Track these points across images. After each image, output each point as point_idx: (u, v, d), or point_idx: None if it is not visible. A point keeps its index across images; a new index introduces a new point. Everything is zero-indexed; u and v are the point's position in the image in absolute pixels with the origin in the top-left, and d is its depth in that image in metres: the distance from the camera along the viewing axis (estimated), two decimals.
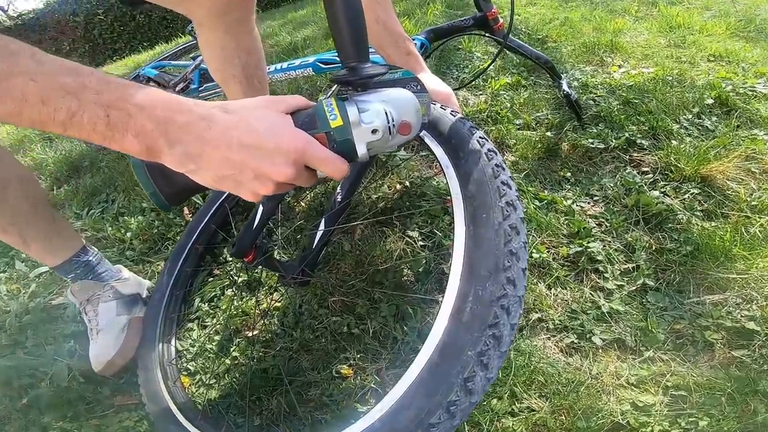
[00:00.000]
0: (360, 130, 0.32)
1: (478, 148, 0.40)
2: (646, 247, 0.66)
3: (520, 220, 0.36)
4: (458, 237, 0.36)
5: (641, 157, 0.81)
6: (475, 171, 0.39)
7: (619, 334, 0.56)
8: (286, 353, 0.62)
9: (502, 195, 0.36)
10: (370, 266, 0.67)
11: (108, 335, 0.65)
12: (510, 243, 0.34)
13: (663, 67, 1.02)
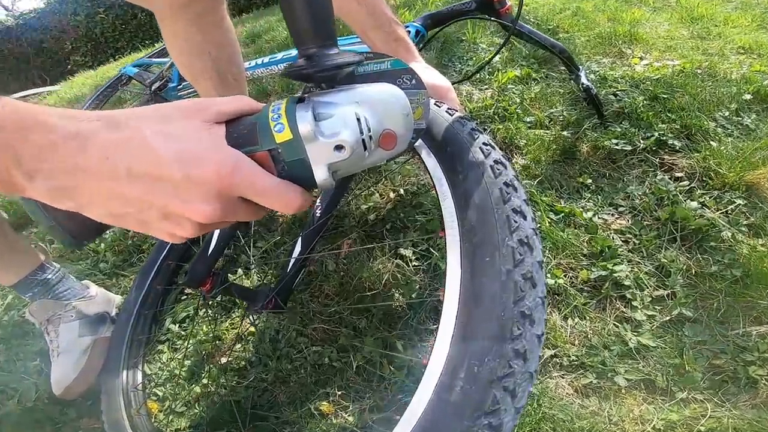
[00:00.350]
0: (317, 147, 0.23)
1: (481, 159, 0.30)
2: (684, 270, 0.55)
3: (537, 266, 0.27)
4: (451, 285, 0.27)
5: (674, 160, 0.69)
6: (477, 193, 0.29)
7: (648, 373, 0.47)
8: (261, 384, 0.55)
9: (513, 229, 0.27)
10: (356, 290, 0.58)
11: (68, 358, 0.60)
12: (522, 301, 0.24)
13: (690, 59, 0.90)
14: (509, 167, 0.31)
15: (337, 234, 0.67)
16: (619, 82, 0.85)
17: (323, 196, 0.55)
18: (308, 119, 0.22)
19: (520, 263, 0.25)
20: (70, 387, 0.57)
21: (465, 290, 0.26)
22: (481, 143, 0.32)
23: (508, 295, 0.24)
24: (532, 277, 0.26)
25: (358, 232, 0.65)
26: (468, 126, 0.34)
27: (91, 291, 0.68)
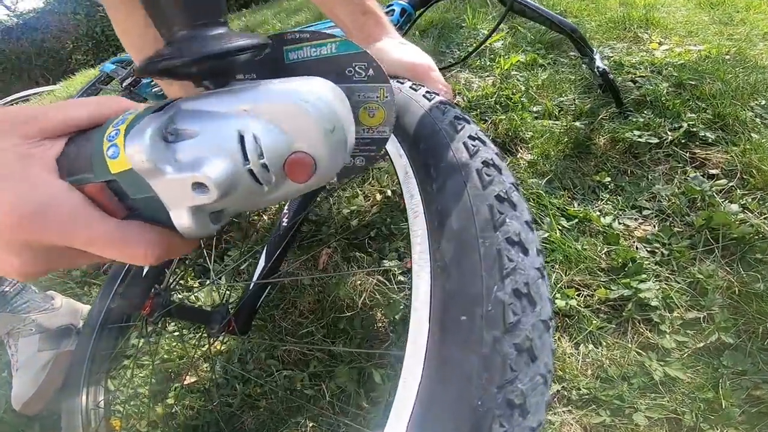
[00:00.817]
0: (166, 183, 0.15)
1: (464, 159, 0.21)
2: (723, 288, 0.46)
3: (541, 328, 0.17)
4: (412, 349, 0.18)
5: (706, 154, 0.59)
6: (456, 212, 0.19)
7: (674, 410, 0.40)
8: (227, 408, 0.48)
9: (506, 272, 0.17)
10: (333, 309, 0.50)
11: (27, 374, 0.57)
12: (513, 384, 0.16)
13: (716, 45, 0.80)
14: (505, 171, 0.21)
15: (314, 243, 0.59)
16: (638, 68, 0.75)
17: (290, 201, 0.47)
18: (142, 141, 0.14)
19: (515, 327, 0.16)
20: (27, 403, 0.55)
21: (429, 360, 0.17)
22: (465, 137, 0.23)
23: (491, 375, 0.16)
24: (531, 347, 0.16)
25: (339, 241, 0.57)
26: (450, 113, 0.25)
27: (55, 302, 0.64)
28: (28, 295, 0.62)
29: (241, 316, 0.43)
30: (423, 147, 0.24)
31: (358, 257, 0.55)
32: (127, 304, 0.37)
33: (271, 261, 0.43)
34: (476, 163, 0.21)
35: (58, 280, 0.77)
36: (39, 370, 0.56)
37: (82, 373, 0.53)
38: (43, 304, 0.62)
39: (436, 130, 0.24)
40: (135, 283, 0.38)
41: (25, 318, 0.59)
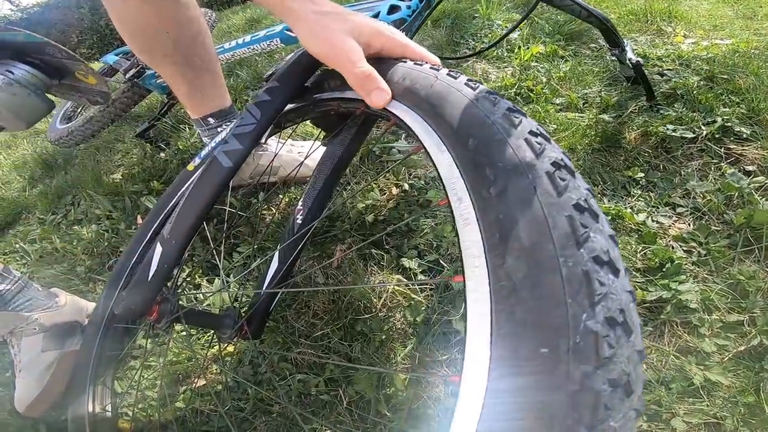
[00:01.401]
0: None
1: (530, 159, 0.18)
2: (765, 290, 0.43)
3: (637, 359, 0.15)
4: (468, 383, 0.15)
5: (742, 150, 0.56)
6: (525, 223, 0.16)
7: (714, 415, 0.38)
8: (239, 414, 0.46)
9: (597, 298, 0.14)
10: (350, 309, 0.48)
11: (30, 374, 0.54)
12: (606, 422, 0.13)
13: (743, 39, 0.77)
14: (577, 174, 0.18)
15: (328, 240, 0.56)
16: (664, 61, 0.72)
17: (305, 197, 0.44)
18: None
19: (609, 361, 0.14)
20: (31, 405, 0.53)
21: (493, 394, 0.15)
22: (526, 132, 0.19)
23: (580, 415, 0.13)
24: (628, 382, 0.14)
25: (354, 237, 0.55)
26: (501, 104, 0.21)
27: (59, 300, 0.61)
28: (31, 292, 0.60)
29: (254, 321, 0.40)
30: (473, 143, 0.20)
31: (375, 255, 0.52)
32: (131, 311, 0.34)
33: (285, 262, 0.41)
34: (544, 164, 0.18)
35: (62, 276, 0.74)
36: (43, 371, 0.54)
37: (87, 374, 0.50)
38: (46, 302, 0.60)
39: (488, 123, 0.20)
40: (139, 288, 0.35)
41: (28, 317, 0.57)
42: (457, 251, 0.20)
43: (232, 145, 0.33)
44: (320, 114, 0.43)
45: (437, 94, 0.24)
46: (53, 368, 0.55)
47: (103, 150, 1.07)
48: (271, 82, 0.35)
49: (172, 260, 0.34)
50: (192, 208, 0.33)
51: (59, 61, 0.38)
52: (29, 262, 0.79)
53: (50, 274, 0.75)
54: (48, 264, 0.77)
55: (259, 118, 0.34)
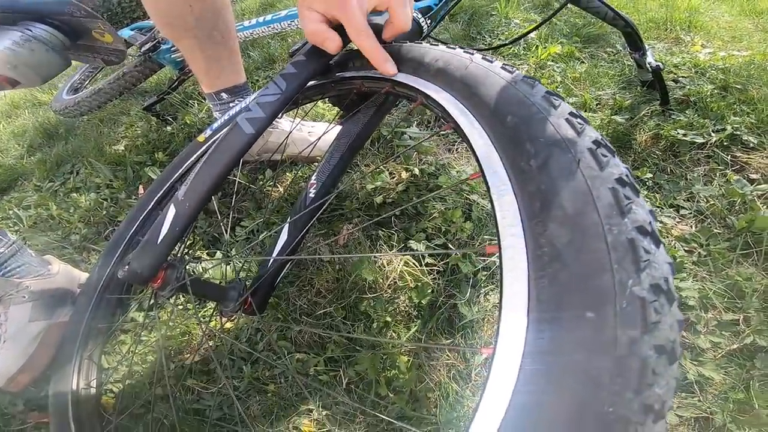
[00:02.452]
0: None
1: (572, 136, 0.19)
2: (761, 292, 0.44)
3: (677, 328, 0.15)
4: (505, 349, 0.15)
5: (747, 158, 0.57)
6: (568, 193, 0.17)
7: (706, 410, 0.39)
8: (233, 392, 0.45)
9: (643, 265, 0.15)
10: (354, 289, 0.48)
11: (15, 345, 0.52)
12: (652, 389, 0.14)
13: (761, 52, 0.78)
14: (617, 157, 0.19)
15: (335, 218, 0.56)
16: (680, 69, 0.73)
17: (319, 171, 0.44)
18: None
19: (655, 327, 0.14)
20: (13, 378, 0.50)
21: (531, 360, 0.15)
22: (566, 113, 0.20)
23: (627, 381, 0.13)
24: (672, 349, 0.14)
25: (361, 217, 0.55)
26: (539, 87, 0.22)
27: (52, 268, 0.59)
28: (24, 257, 0.58)
29: (259, 294, 0.40)
30: (512, 120, 0.21)
31: (381, 236, 0.52)
32: (137, 275, 0.32)
33: (295, 236, 0.40)
34: (586, 141, 0.18)
35: (55, 244, 0.73)
36: (29, 342, 0.52)
37: (74, 347, 0.48)
38: (39, 269, 0.57)
39: (528, 103, 0.21)
40: (147, 250, 0.34)
41: (19, 283, 0.54)
42: (492, 222, 0.20)
43: (255, 113, 0.33)
44: (341, 92, 0.42)
45: (472, 75, 0.25)
46: (39, 339, 0.52)
47: (107, 121, 1.05)
48: (298, 56, 0.35)
49: (184, 223, 0.33)
50: (210, 171, 0.33)
51: (77, 20, 0.39)
52: (22, 228, 0.77)
53: (43, 241, 0.73)
54: (42, 231, 0.76)
55: (284, 89, 0.34)
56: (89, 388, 0.47)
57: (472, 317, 0.44)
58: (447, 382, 0.41)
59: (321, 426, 0.41)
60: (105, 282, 0.55)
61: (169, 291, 0.36)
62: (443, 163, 0.60)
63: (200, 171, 0.33)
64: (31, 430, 0.48)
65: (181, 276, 0.36)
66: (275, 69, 1.00)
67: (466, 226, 0.50)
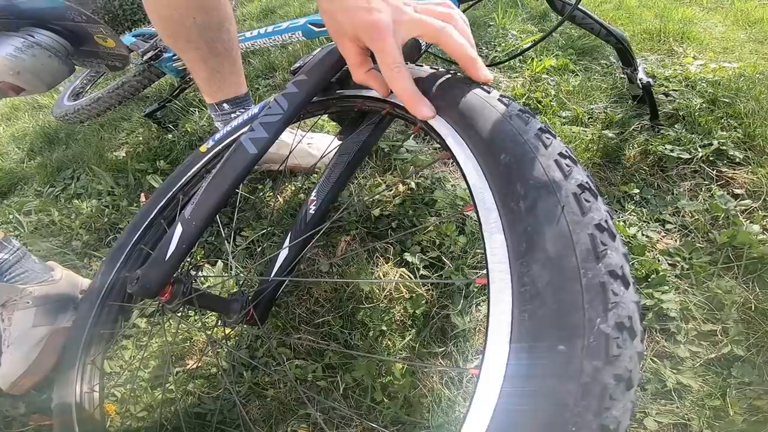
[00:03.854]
0: None
1: (558, 179, 0.20)
2: (740, 304, 0.46)
3: (636, 359, 0.17)
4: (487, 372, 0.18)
5: (733, 173, 0.59)
6: (551, 237, 0.19)
7: (683, 416, 0.41)
8: (232, 397, 0.47)
9: (610, 305, 0.17)
10: (351, 299, 0.50)
11: (18, 350, 0.53)
12: (609, 411, 0.16)
13: (751, 64, 0.80)
14: (599, 197, 0.20)
15: (333, 230, 0.58)
16: (671, 81, 0.75)
17: (319, 188, 0.46)
18: None
19: (616, 360, 0.16)
20: (16, 383, 0.51)
21: (510, 383, 0.17)
22: (556, 154, 0.21)
23: (589, 403, 0.16)
24: (630, 377, 0.16)
25: (359, 230, 0.56)
26: (533, 124, 0.23)
27: (55, 274, 0.60)
28: (29, 264, 0.59)
29: (261, 306, 0.41)
30: (505, 158, 0.22)
31: (378, 248, 0.54)
32: (146, 290, 0.34)
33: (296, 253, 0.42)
34: (572, 185, 0.20)
35: (57, 250, 0.74)
36: (32, 347, 0.53)
37: (77, 353, 0.49)
38: (42, 275, 0.59)
39: (521, 141, 0.22)
40: (156, 267, 0.34)
41: (23, 289, 0.56)
42: (483, 256, 0.22)
43: (258, 133, 0.35)
44: (341, 109, 0.44)
45: (470, 106, 0.26)
46: (43, 344, 0.54)
47: (107, 127, 1.06)
48: (300, 76, 0.36)
49: (191, 241, 0.35)
50: (215, 190, 0.34)
51: (79, 25, 0.39)
52: (23, 234, 0.78)
53: (45, 247, 0.74)
54: (43, 236, 0.77)
55: (286, 109, 0.35)
56: (92, 392, 0.48)
57: (464, 327, 0.46)
58: (439, 388, 0.43)
59: (320, 431, 0.43)
60: (108, 289, 0.56)
61: (176, 304, 0.37)
62: (439, 177, 0.62)
63: (206, 190, 0.35)
64: None
65: (187, 290, 0.38)
66: (276, 77, 1.01)
67: (460, 239, 0.52)
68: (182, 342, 0.53)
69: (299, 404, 0.45)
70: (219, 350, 0.52)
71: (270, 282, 0.42)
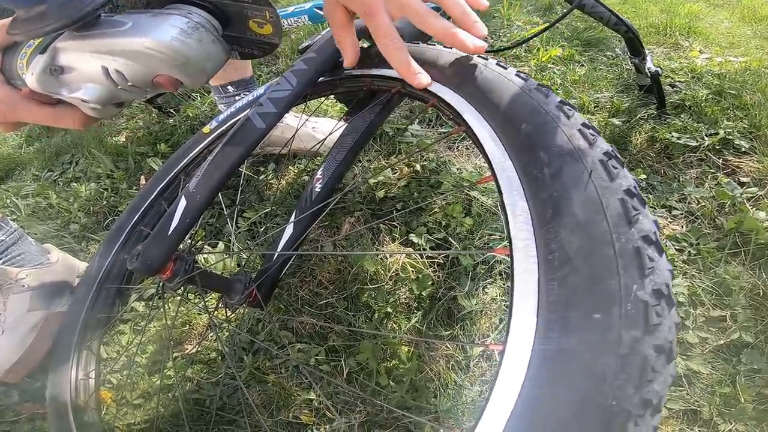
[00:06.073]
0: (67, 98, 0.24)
1: (584, 147, 0.20)
2: (747, 290, 0.46)
3: (674, 330, 0.16)
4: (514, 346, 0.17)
5: (739, 162, 0.59)
6: (580, 202, 0.18)
7: (694, 403, 0.41)
8: (232, 381, 0.46)
9: (647, 271, 0.16)
10: (356, 280, 0.49)
11: (13, 336, 0.52)
12: (651, 385, 0.15)
13: (757, 59, 0.80)
14: (626, 169, 0.20)
15: (337, 211, 0.57)
16: (677, 74, 0.75)
17: (325, 167, 0.45)
18: (35, 79, 0.22)
19: (656, 329, 0.15)
20: (10, 370, 0.49)
21: (539, 357, 0.16)
22: (579, 124, 0.21)
23: (629, 376, 0.15)
24: (670, 349, 0.16)
25: (363, 211, 0.56)
26: (553, 97, 0.23)
27: (51, 257, 0.59)
28: (25, 246, 0.57)
29: (264, 286, 0.40)
30: (526, 128, 0.21)
31: (383, 229, 0.53)
32: (147, 266, 0.32)
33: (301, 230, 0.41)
34: (597, 152, 0.19)
35: (54, 233, 0.73)
36: (28, 332, 0.52)
37: (73, 338, 0.48)
38: (39, 258, 0.57)
39: (542, 112, 0.22)
40: (158, 242, 0.33)
41: (19, 272, 0.54)
42: (504, 225, 0.21)
43: (266, 108, 0.34)
44: (349, 89, 0.43)
45: (487, 80, 0.26)
46: (38, 329, 0.52)
47: None
48: (309, 53, 0.36)
49: (194, 215, 0.34)
50: (221, 164, 0.33)
51: (238, 4, 0.29)
52: (20, 217, 0.77)
53: (42, 230, 0.73)
54: (41, 220, 0.76)
55: (294, 85, 0.34)
56: (88, 379, 0.47)
57: (471, 309, 0.45)
58: (446, 372, 0.42)
59: (322, 416, 0.42)
60: (105, 272, 0.55)
61: (177, 282, 0.36)
62: (444, 160, 0.61)
63: (212, 163, 0.34)
64: (25, 421, 0.48)
65: (189, 268, 0.36)
66: (279, 65, 1.00)
67: (466, 221, 0.51)
68: (182, 326, 0.52)
69: (301, 389, 0.44)
70: (220, 333, 0.51)
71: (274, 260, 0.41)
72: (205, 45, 0.25)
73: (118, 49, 0.22)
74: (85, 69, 0.22)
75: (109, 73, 0.22)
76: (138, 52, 0.22)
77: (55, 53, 0.22)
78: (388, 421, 0.41)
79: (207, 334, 0.51)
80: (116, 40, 0.22)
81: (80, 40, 0.22)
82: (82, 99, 0.22)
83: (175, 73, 0.23)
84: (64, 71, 0.22)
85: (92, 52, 0.22)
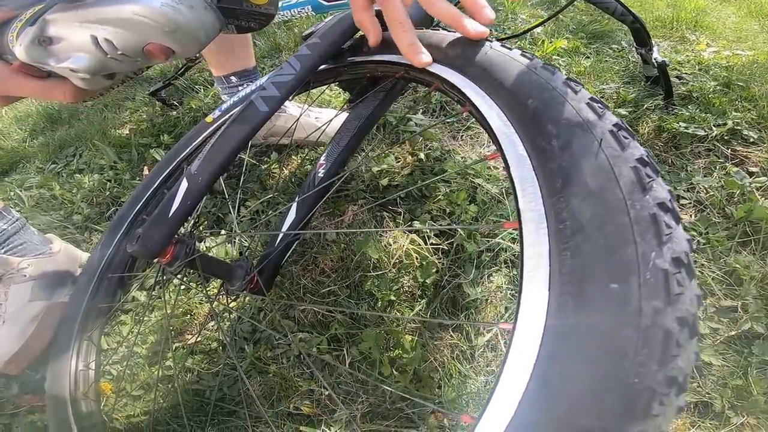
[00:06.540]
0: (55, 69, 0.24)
1: (593, 119, 0.19)
2: (758, 280, 0.45)
3: (696, 302, 0.15)
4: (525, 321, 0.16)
5: (747, 152, 0.58)
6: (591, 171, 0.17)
7: (705, 395, 0.40)
8: (233, 372, 0.45)
9: (665, 239, 0.15)
10: (359, 268, 0.48)
11: (14, 326, 0.51)
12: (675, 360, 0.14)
13: (765, 52, 0.80)
14: (636, 140, 0.19)
15: (340, 198, 0.56)
16: (684, 66, 0.74)
17: (328, 152, 0.44)
18: (23, 49, 0.22)
19: (678, 300, 0.14)
20: (10, 361, 0.49)
21: (554, 332, 0.15)
22: (586, 98, 0.21)
23: (651, 351, 0.13)
24: (693, 323, 0.15)
25: (366, 199, 0.55)
26: (559, 74, 0.23)
27: (53, 247, 0.59)
28: (27, 235, 0.57)
29: (266, 272, 0.40)
30: (533, 103, 0.21)
31: (386, 216, 0.53)
32: (147, 249, 0.31)
33: (304, 214, 0.41)
34: (607, 124, 0.19)
35: (57, 224, 0.73)
36: (29, 323, 0.51)
37: (74, 328, 0.47)
38: (41, 248, 0.57)
39: (549, 88, 0.21)
40: (158, 224, 0.32)
41: (20, 262, 0.53)
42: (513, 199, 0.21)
43: (269, 92, 0.34)
44: (353, 76, 0.43)
45: (492, 61, 0.26)
46: (39, 320, 0.52)
47: (111, 107, 1.05)
48: (313, 38, 0.36)
49: (196, 197, 0.33)
50: (223, 146, 0.33)
51: None
52: (23, 208, 0.77)
53: (46, 220, 0.73)
54: (44, 211, 0.76)
55: (298, 70, 0.34)
56: (88, 370, 0.46)
57: (476, 297, 0.44)
58: (451, 361, 0.42)
59: (324, 407, 0.42)
60: (107, 261, 0.55)
61: (177, 267, 0.35)
62: (448, 149, 0.61)
63: (214, 145, 0.34)
64: (25, 413, 0.47)
65: (190, 251, 0.36)
66: (281, 57, 1.00)
67: (471, 208, 0.51)
68: (182, 315, 0.52)
69: (303, 380, 0.43)
70: (220, 322, 0.50)
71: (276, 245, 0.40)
72: (196, 12, 0.24)
73: (107, 17, 0.21)
74: (74, 39, 0.21)
75: (98, 42, 0.22)
76: (127, 19, 0.21)
77: (44, 25, 0.21)
78: (390, 411, 0.40)
79: (207, 323, 0.51)
80: (105, 8, 0.21)
81: (70, 11, 0.22)
82: (71, 68, 0.22)
83: (165, 41, 0.23)
84: (52, 42, 0.21)
85: (81, 21, 0.21)
